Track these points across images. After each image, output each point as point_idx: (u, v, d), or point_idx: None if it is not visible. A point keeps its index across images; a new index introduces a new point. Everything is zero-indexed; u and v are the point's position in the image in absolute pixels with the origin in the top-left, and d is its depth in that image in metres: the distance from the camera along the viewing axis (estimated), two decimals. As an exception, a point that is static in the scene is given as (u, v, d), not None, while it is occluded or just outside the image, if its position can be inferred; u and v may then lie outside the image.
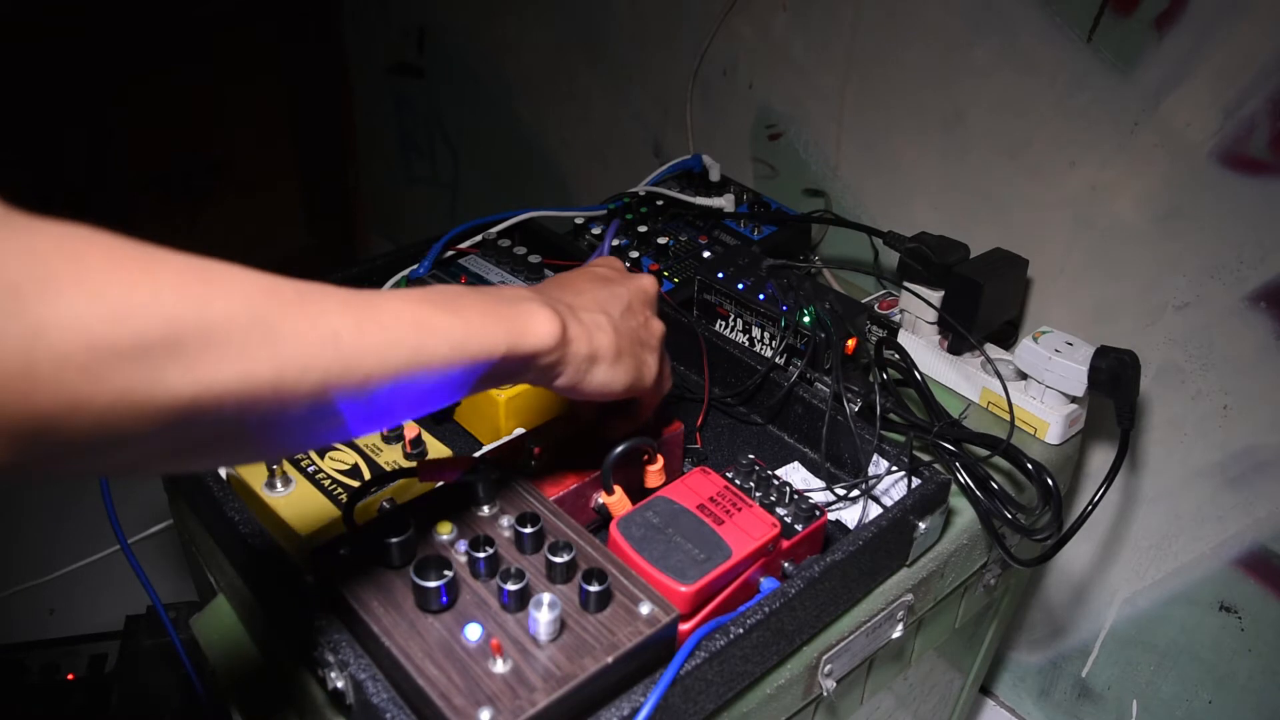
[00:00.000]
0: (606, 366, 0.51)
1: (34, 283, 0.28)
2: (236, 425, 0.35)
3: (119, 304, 0.30)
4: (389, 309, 0.40)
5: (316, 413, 0.37)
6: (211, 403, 0.33)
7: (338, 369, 0.37)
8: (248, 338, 0.34)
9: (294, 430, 0.38)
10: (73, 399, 0.29)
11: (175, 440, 0.34)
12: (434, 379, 0.42)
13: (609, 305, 0.54)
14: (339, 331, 0.37)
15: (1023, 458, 0.68)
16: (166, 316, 0.31)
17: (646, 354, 0.55)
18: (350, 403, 0.38)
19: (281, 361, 0.35)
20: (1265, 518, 0.87)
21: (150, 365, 0.31)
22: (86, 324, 0.29)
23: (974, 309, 0.81)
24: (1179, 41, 0.79)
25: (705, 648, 0.50)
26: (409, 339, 0.40)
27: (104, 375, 0.30)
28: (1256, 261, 0.80)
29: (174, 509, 0.79)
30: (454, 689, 0.44)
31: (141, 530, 1.33)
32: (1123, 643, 1.04)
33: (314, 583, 0.53)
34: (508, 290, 0.48)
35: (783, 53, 1.12)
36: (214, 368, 0.33)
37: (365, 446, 0.64)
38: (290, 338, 0.35)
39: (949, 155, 0.99)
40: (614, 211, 1.00)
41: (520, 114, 1.60)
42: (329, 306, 0.37)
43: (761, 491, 0.61)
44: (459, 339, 0.42)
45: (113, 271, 0.31)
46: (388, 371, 0.39)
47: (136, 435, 0.32)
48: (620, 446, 0.59)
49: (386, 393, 0.39)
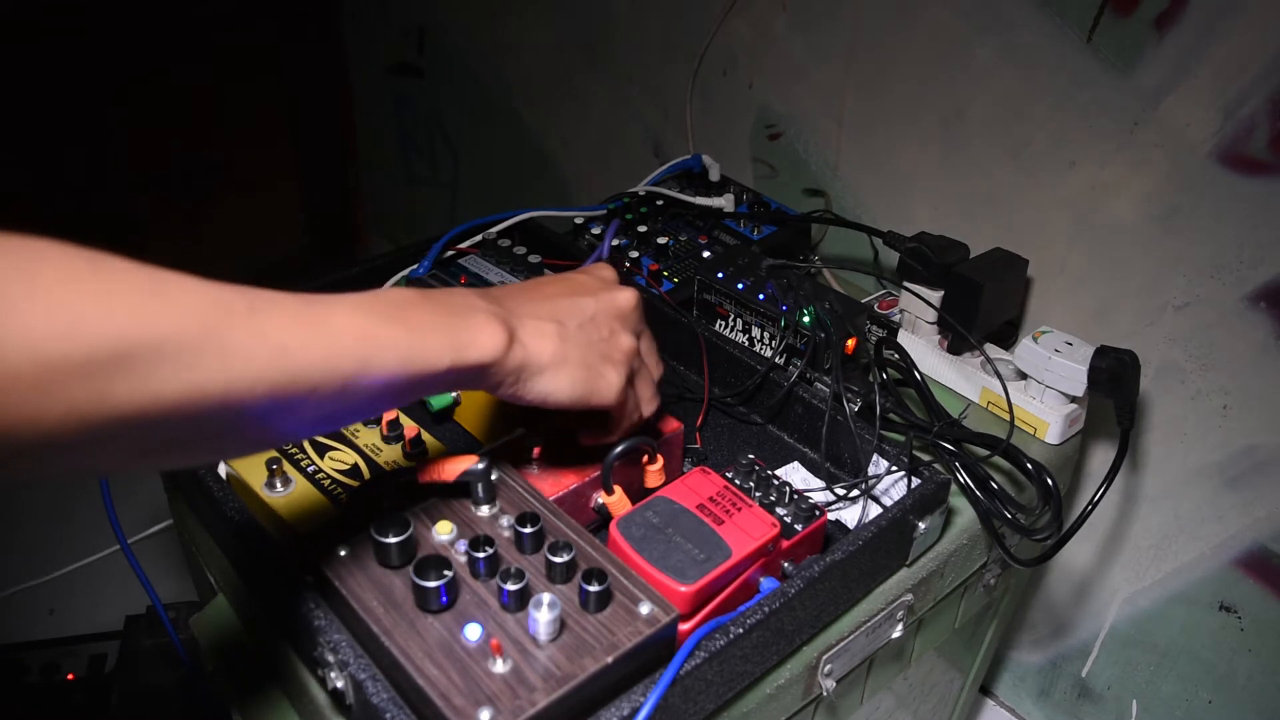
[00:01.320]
0: (548, 376, 0.51)
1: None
2: (189, 433, 0.36)
3: (71, 321, 0.31)
4: (337, 321, 0.41)
5: (266, 420, 0.38)
6: (161, 414, 0.34)
7: (285, 381, 0.38)
8: (197, 352, 0.34)
9: (245, 435, 0.39)
10: (23, 413, 0.30)
11: (128, 447, 0.34)
12: (379, 389, 0.42)
13: (565, 314, 0.53)
14: (287, 344, 0.38)
15: (1023, 458, 0.68)
16: (118, 333, 0.32)
17: (605, 367, 0.54)
18: (298, 410, 0.39)
19: (230, 374, 0.36)
20: (1265, 518, 0.87)
21: (100, 380, 0.31)
22: (38, 342, 0.30)
23: (974, 309, 0.81)
24: (1179, 41, 0.79)
25: (705, 648, 0.50)
26: (355, 351, 0.41)
27: (55, 391, 0.30)
28: (1256, 261, 0.80)
29: (174, 509, 0.79)
30: (454, 689, 0.44)
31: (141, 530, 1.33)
32: (1123, 642, 1.04)
33: (314, 583, 0.53)
34: (458, 298, 0.48)
35: (783, 53, 1.12)
36: (163, 382, 0.33)
37: (365, 447, 0.64)
38: (239, 351, 0.36)
39: (949, 155, 0.99)
40: (614, 211, 1.00)
41: (520, 114, 1.60)
42: (278, 319, 0.38)
43: (761, 491, 0.61)
44: (404, 352, 0.43)
45: (66, 286, 0.31)
46: (334, 383, 0.40)
47: (88, 444, 0.32)
48: (620, 446, 0.59)
49: (333, 401, 0.41)
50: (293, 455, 0.63)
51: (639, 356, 0.57)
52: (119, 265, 0.33)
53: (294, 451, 0.63)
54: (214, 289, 0.36)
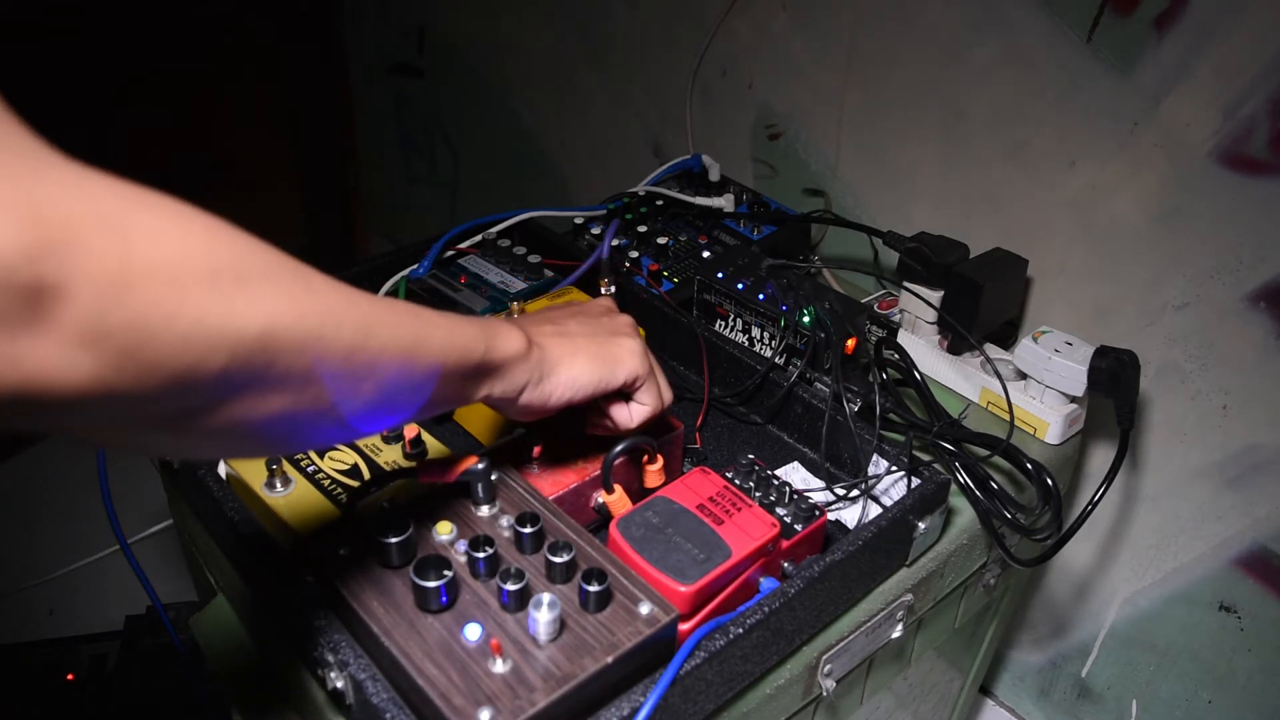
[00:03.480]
0: (566, 366, 0.54)
1: (117, 207, 0.32)
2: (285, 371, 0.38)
3: (188, 237, 0.34)
4: (381, 301, 0.44)
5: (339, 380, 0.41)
6: (272, 339, 0.36)
7: (360, 335, 0.41)
8: (294, 282, 0.38)
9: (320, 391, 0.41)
10: (162, 310, 0.32)
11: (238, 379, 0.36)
12: (424, 369, 0.45)
13: (557, 318, 0.58)
14: (358, 300, 0.41)
15: (1022, 458, 0.68)
16: (231, 249, 0.36)
17: (617, 340, 0.57)
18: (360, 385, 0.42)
19: (321, 309, 0.39)
20: (1265, 518, 0.87)
21: (221, 291, 0.34)
22: (167, 244, 0.33)
23: (974, 309, 0.81)
24: (1179, 41, 0.79)
25: (705, 648, 0.50)
26: (414, 324, 0.44)
27: (185, 293, 0.33)
28: (1256, 261, 0.80)
29: (174, 509, 0.79)
30: (454, 689, 0.44)
31: (141, 530, 1.33)
32: (1122, 642, 1.04)
33: (314, 583, 0.53)
34: (462, 313, 0.52)
35: (783, 53, 1.12)
36: (272, 301, 0.36)
37: (365, 446, 0.64)
38: (323, 291, 0.39)
39: (949, 155, 0.99)
40: (614, 211, 1.00)
41: (520, 114, 1.60)
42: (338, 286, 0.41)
43: (761, 491, 0.61)
44: (448, 335, 0.46)
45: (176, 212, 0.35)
46: (396, 349, 0.43)
47: (208, 367, 0.34)
48: (620, 446, 0.59)
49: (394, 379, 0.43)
50: (293, 455, 0.63)
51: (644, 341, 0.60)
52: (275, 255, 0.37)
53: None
54: (327, 280, 0.40)
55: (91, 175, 0.33)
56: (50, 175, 0.31)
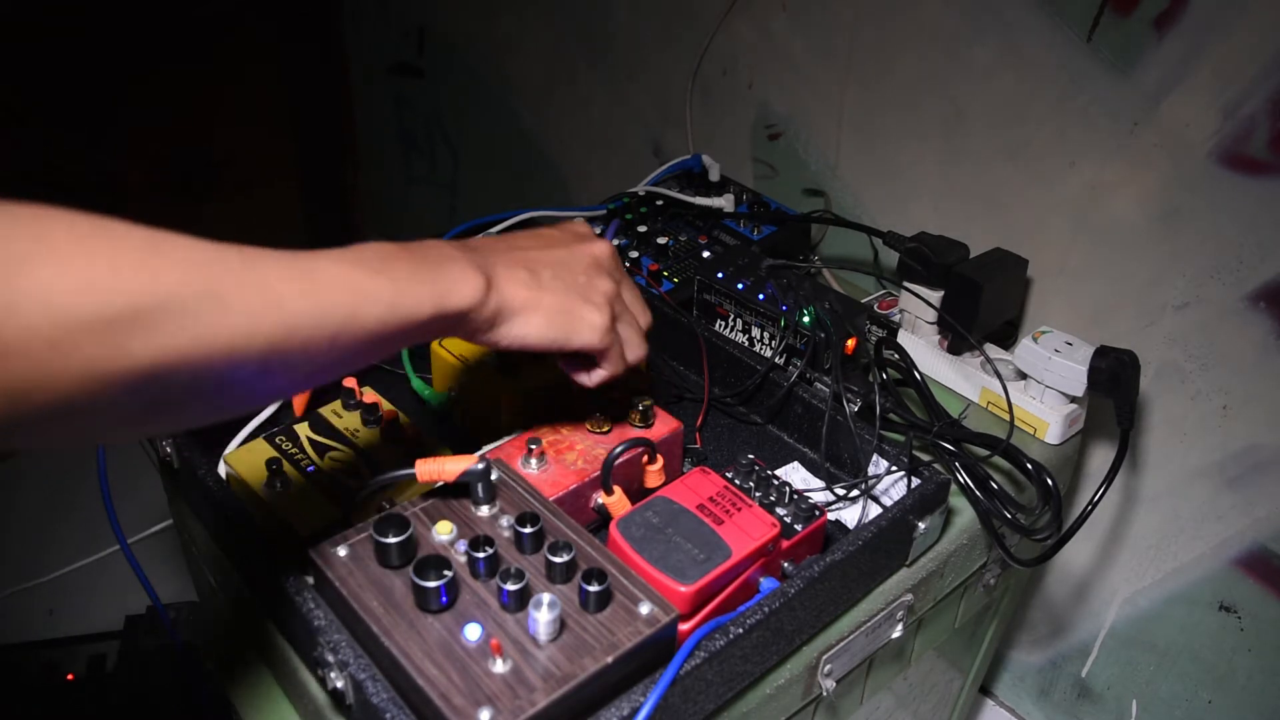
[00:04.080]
0: (521, 320, 0.53)
1: (5, 263, 0.31)
2: (194, 388, 0.37)
3: (83, 281, 0.33)
4: (326, 275, 0.43)
5: (262, 373, 0.40)
6: (171, 369, 0.35)
7: (280, 333, 0.40)
8: (200, 307, 0.36)
9: (240, 391, 0.41)
10: (41, 372, 0.32)
11: (139, 405, 0.36)
12: (366, 339, 0.44)
13: (537, 263, 0.55)
14: (281, 297, 0.40)
15: (1022, 458, 0.68)
16: (127, 290, 0.34)
17: (585, 308, 0.55)
18: (291, 362, 0.41)
19: (231, 328, 0.37)
20: (1265, 518, 0.87)
21: (113, 337, 0.33)
22: (54, 300, 0.32)
23: (974, 309, 0.81)
24: (1179, 41, 0.79)
25: (705, 648, 0.50)
26: (345, 302, 0.43)
27: (70, 349, 0.32)
28: (1256, 261, 0.80)
29: (174, 509, 0.79)
30: (454, 689, 0.44)
31: (141, 530, 1.33)
32: (1122, 642, 1.04)
33: (314, 583, 0.53)
34: (435, 249, 0.50)
35: (783, 53, 1.12)
36: (170, 336, 0.35)
37: (365, 447, 0.64)
38: (237, 305, 0.38)
39: (949, 155, 0.99)
40: (614, 211, 1.00)
41: (520, 114, 1.60)
42: (272, 274, 0.40)
43: (761, 491, 0.61)
44: (390, 302, 0.45)
45: (76, 248, 0.33)
46: (325, 333, 0.42)
47: (98, 404, 0.34)
48: (620, 446, 0.60)
49: (324, 352, 0.43)
50: (293, 455, 0.63)
51: (620, 301, 0.59)
52: (121, 227, 0.35)
53: (294, 451, 0.63)
54: (209, 247, 0.38)
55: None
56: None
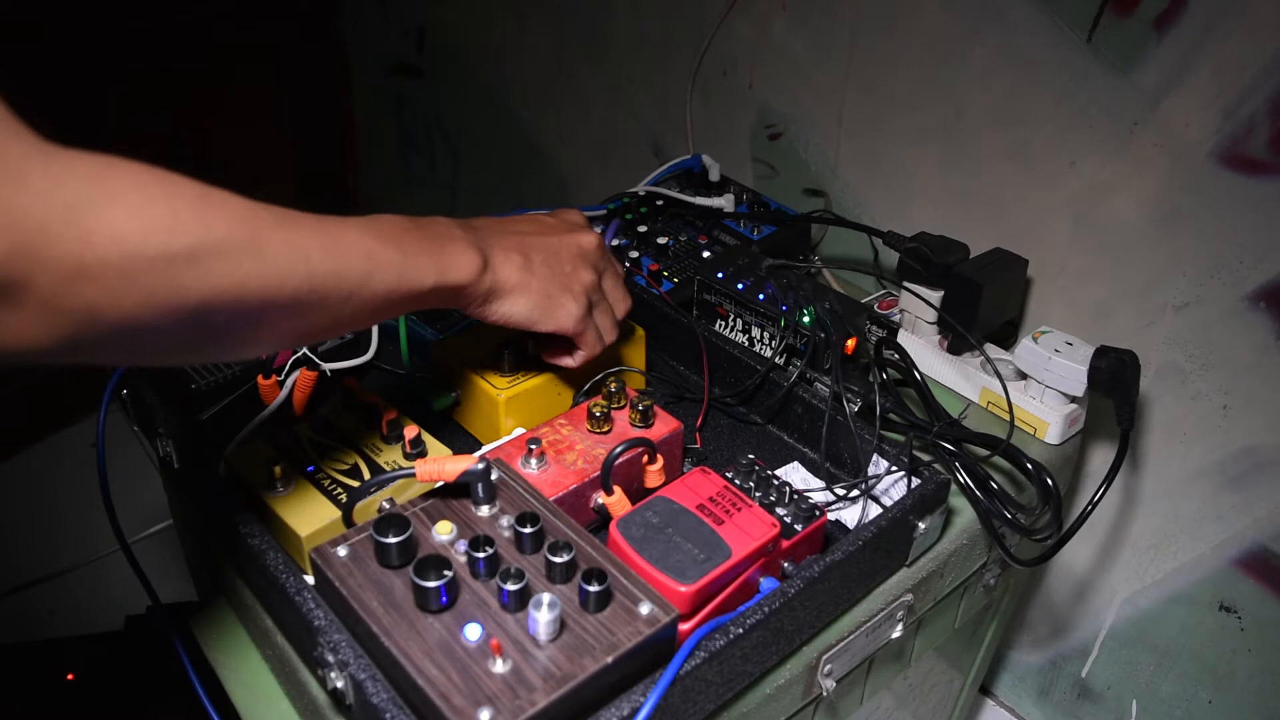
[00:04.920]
0: (509, 300, 0.59)
1: (83, 201, 0.36)
2: (232, 324, 0.43)
3: (148, 222, 0.38)
4: (348, 238, 0.49)
5: (287, 318, 0.46)
6: (215, 305, 0.41)
7: (307, 286, 0.46)
8: (243, 253, 0.42)
9: (274, 331, 0.47)
10: (111, 295, 0.37)
11: (187, 333, 0.42)
12: (375, 300, 0.51)
13: (531, 248, 0.61)
14: (309, 254, 0.46)
15: (1022, 458, 0.68)
16: (184, 233, 0.39)
17: (564, 297, 0.61)
18: (310, 313, 0.47)
19: (266, 274, 0.43)
20: (1265, 518, 0.87)
21: (171, 271, 0.39)
22: (124, 237, 0.37)
23: (974, 309, 0.81)
24: (1179, 41, 0.79)
25: (705, 648, 0.50)
26: (361, 265, 0.49)
27: (136, 277, 0.38)
28: (1256, 261, 0.80)
29: (174, 509, 0.79)
30: (454, 689, 0.44)
31: (141, 530, 1.33)
32: (1122, 643, 1.04)
33: (314, 583, 0.53)
34: (441, 227, 0.57)
35: (783, 53, 1.12)
36: (218, 276, 0.41)
37: (365, 447, 0.64)
38: (274, 256, 0.44)
39: (949, 155, 0.99)
40: (614, 211, 1.00)
41: (520, 114, 1.60)
42: (303, 232, 0.46)
43: (761, 491, 0.61)
44: (399, 270, 0.51)
45: (140, 193, 0.38)
46: (342, 291, 0.48)
47: (158, 328, 0.40)
48: (620, 446, 0.60)
49: (337, 306, 0.48)
50: (292, 455, 0.63)
51: (599, 290, 0.65)
52: (176, 178, 0.41)
53: (294, 451, 0.63)
54: (251, 203, 0.44)
55: (68, 168, 0.37)
56: (26, 178, 0.35)
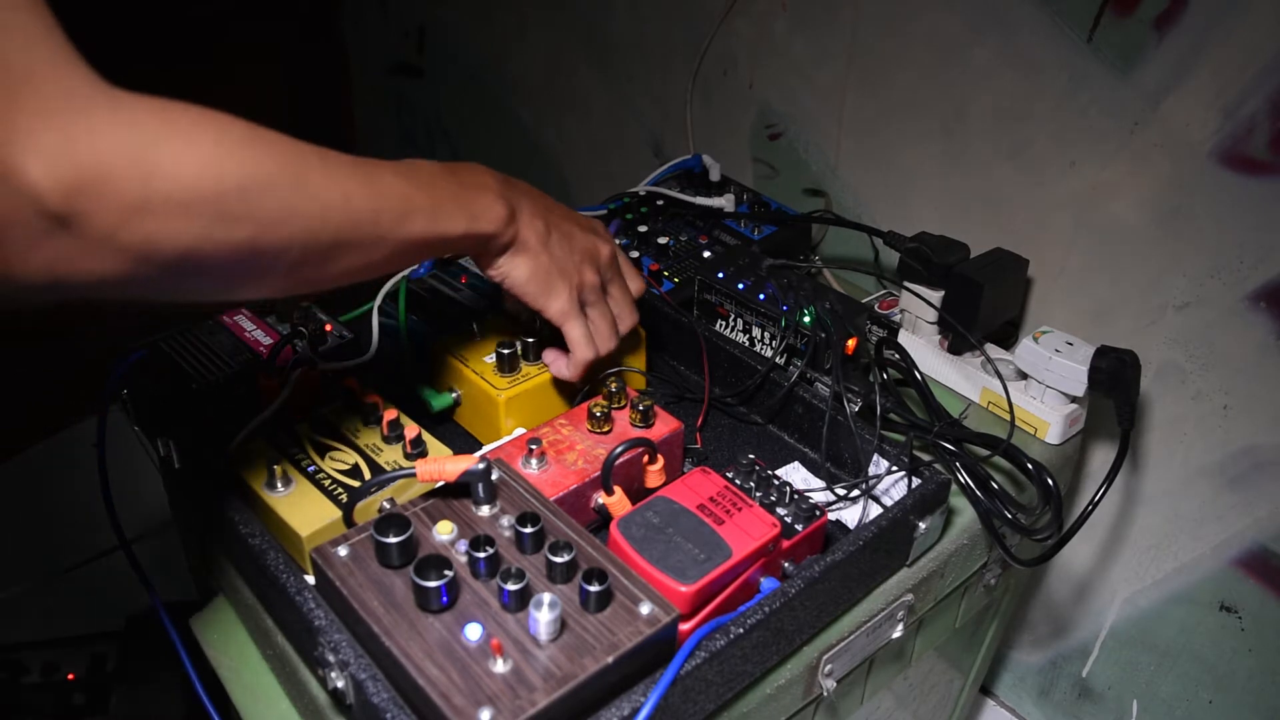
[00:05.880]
0: (519, 259, 0.61)
1: (143, 141, 0.39)
2: (279, 259, 0.46)
3: (203, 159, 0.41)
4: (384, 180, 0.51)
5: (325, 256, 0.48)
6: (264, 240, 0.44)
7: (349, 223, 0.48)
8: (291, 190, 0.45)
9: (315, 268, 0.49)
10: (170, 228, 0.40)
11: (238, 267, 0.44)
12: (407, 244, 0.53)
13: (552, 224, 0.62)
14: (350, 194, 0.48)
15: (1023, 458, 0.68)
16: (237, 171, 0.42)
17: (559, 283, 0.63)
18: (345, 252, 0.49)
19: (310, 212, 0.46)
20: (1265, 518, 0.87)
21: (224, 205, 0.41)
22: (181, 172, 0.40)
23: (974, 309, 0.81)
24: (1179, 41, 0.79)
25: (705, 648, 0.50)
26: (396, 208, 0.51)
27: (192, 211, 0.40)
28: (1256, 261, 0.80)
29: (174, 509, 0.79)
30: (454, 689, 0.44)
31: (141, 530, 1.33)
32: (1123, 643, 1.04)
33: (314, 583, 0.53)
34: (476, 175, 0.59)
35: (783, 53, 1.12)
36: (267, 212, 0.43)
37: (365, 447, 0.64)
38: (319, 193, 0.46)
39: (949, 155, 0.99)
40: (614, 211, 1.00)
41: (520, 114, 1.60)
42: (343, 173, 0.48)
43: (761, 491, 0.61)
44: (430, 216, 0.53)
45: (195, 131, 0.41)
46: (379, 231, 0.50)
47: (210, 262, 0.42)
48: (620, 446, 0.60)
49: (371, 248, 0.51)
50: (293, 455, 0.63)
51: (599, 294, 0.66)
52: (226, 119, 0.43)
53: (294, 451, 0.63)
54: (296, 144, 0.46)
55: (130, 109, 0.39)
56: (90, 114, 0.37)
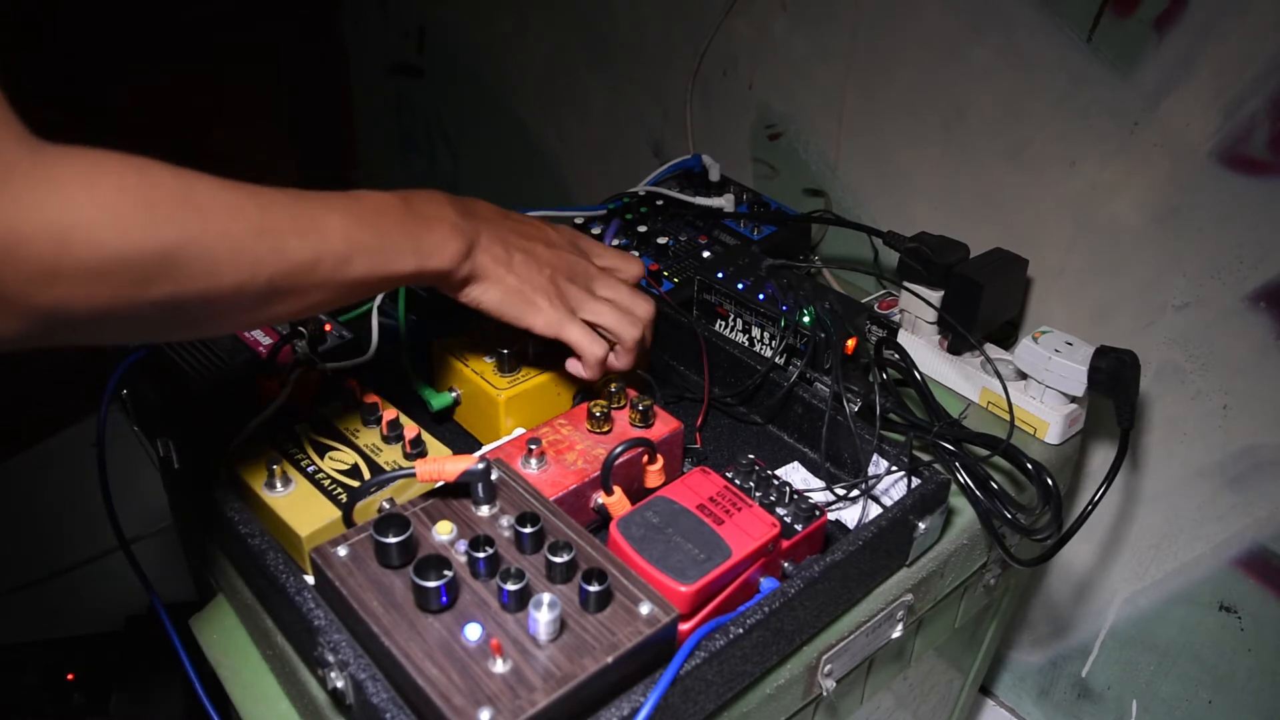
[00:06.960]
0: (483, 287, 0.60)
1: (61, 205, 0.37)
2: (206, 311, 0.45)
3: (123, 227, 0.39)
4: (327, 223, 0.50)
5: (260, 303, 0.48)
6: (187, 298, 0.43)
7: (281, 274, 0.47)
8: (217, 252, 0.43)
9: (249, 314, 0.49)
10: (84, 292, 0.39)
11: (160, 322, 0.44)
12: (353, 283, 0.52)
13: (513, 246, 0.62)
14: (286, 244, 0.47)
15: (1022, 458, 0.68)
16: (158, 238, 0.41)
17: (538, 297, 0.62)
18: (285, 297, 0.49)
19: (241, 267, 0.45)
20: (1265, 518, 0.87)
21: (143, 272, 0.40)
22: (99, 240, 0.38)
23: (974, 309, 0.81)
24: (1179, 41, 0.79)
25: (705, 648, 0.50)
26: (338, 252, 0.50)
27: (108, 277, 0.39)
28: (1256, 261, 0.80)
29: (174, 509, 0.79)
30: (454, 689, 0.44)
31: (141, 530, 1.33)
32: (1122, 643, 1.04)
33: (314, 583, 0.53)
34: (432, 206, 0.58)
35: (783, 53, 1.12)
36: (191, 275, 0.42)
37: (365, 447, 0.64)
38: (249, 249, 0.45)
39: (949, 155, 0.99)
40: (614, 211, 1.00)
41: (520, 114, 1.60)
42: (281, 219, 0.47)
43: (761, 491, 0.61)
44: (376, 256, 0.53)
45: (120, 197, 0.40)
46: (317, 276, 0.50)
47: (131, 318, 0.42)
48: (620, 446, 0.60)
49: (314, 291, 0.50)
50: (293, 455, 0.63)
51: (580, 297, 0.65)
52: (159, 175, 0.42)
53: (294, 451, 0.63)
54: (233, 193, 0.45)
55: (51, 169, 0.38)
56: (8, 179, 0.36)
